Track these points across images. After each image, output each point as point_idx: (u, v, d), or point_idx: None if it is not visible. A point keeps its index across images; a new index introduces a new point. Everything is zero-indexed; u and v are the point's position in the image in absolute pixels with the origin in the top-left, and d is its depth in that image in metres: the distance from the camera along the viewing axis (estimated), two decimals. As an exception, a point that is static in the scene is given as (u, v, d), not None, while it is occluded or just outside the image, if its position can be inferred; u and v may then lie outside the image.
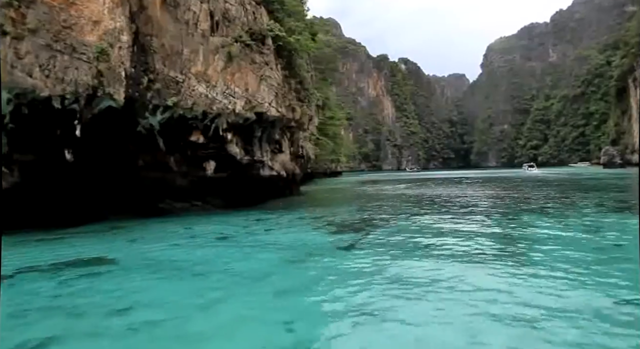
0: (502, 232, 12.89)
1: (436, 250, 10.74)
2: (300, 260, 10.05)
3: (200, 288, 7.97)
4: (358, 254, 10.68)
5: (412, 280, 8.05)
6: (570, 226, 13.99)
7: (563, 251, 10.26)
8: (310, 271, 9.07)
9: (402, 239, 12.45)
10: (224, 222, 17.89)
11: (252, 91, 22.02)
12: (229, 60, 21.00)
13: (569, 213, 16.89)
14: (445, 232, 13.23)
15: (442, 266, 9.04)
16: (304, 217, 18.55)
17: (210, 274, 8.76)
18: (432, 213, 18.50)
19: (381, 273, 8.73)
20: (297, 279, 8.38)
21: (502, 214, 17.32)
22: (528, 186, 36.53)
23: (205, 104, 20.11)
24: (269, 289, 7.74)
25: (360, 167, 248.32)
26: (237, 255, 10.78)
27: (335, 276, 8.68)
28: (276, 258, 10.26)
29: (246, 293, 7.55)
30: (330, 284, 8.08)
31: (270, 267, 9.35)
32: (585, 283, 7.66)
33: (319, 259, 10.22)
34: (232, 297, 7.41)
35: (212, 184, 22.76)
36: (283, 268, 9.24)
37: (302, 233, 14.35)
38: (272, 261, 9.86)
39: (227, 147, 22.10)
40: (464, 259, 9.58)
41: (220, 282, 8.33)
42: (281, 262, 9.85)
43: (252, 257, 10.55)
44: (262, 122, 23.20)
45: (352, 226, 15.61)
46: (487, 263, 9.27)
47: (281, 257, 10.40)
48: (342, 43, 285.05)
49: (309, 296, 7.53)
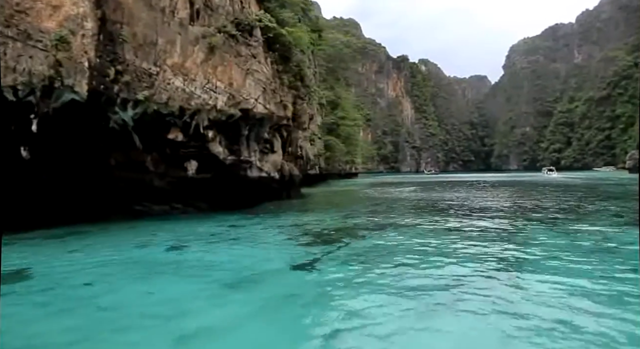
0: (497, 252, 10.94)
1: (410, 276, 8.90)
2: (237, 286, 8.32)
3: (91, 330, 6.30)
4: (312, 278, 8.93)
5: (370, 323, 6.26)
6: (576, 243, 11.95)
7: (562, 278, 8.34)
8: (237, 305, 7.33)
9: (375, 256, 10.63)
10: (194, 227, 16.31)
11: (237, 86, 20.42)
12: (211, 52, 19.43)
13: (580, 226, 14.78)
14: (430, 250, 11.34)
15: (413, 302, 7.20)
16: (284, 224, 16.83)
17: (117, 309, 7.06)
18: (424, 222, 16.58)
19: (330, 310, 6.99)
20: (214, 318, 6.64)
21: (504, 226, 15.30)
22: (543, 192, 34.13)
23: (182, 99, 18.57)
24: (172, 333, 6.03)
25: (379, 169, 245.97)
26: (168, 279, 9.07)
27: (266, 313, 6.93)
28: (209, 283, 8.54)
29: (135, 343, 5.84)
30: (254, 328, 6.31)
31: (192, 298, 7.63)
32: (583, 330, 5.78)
33: (261, 285, 8.48)
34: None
35: (194, 185, 21.24)
36: (206, 300, 7.52)
37: (268, 245, 12.65)
38: (202, 289, 8.14)
39: (209, 146, 20.55)
40: (443, 294, 7.73)
41: (123, 320, 6.64)
42: (211, 289, 8.13)
43: (183, 280, 8.85)
44: (249, 119, 21.59)
45: (329, 236, 13.85)
46: (464, 301, 7.42)
47: (217, 281, 8.69)
48: (361, 43, 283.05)
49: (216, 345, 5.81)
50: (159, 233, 14.94)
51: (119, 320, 6.53)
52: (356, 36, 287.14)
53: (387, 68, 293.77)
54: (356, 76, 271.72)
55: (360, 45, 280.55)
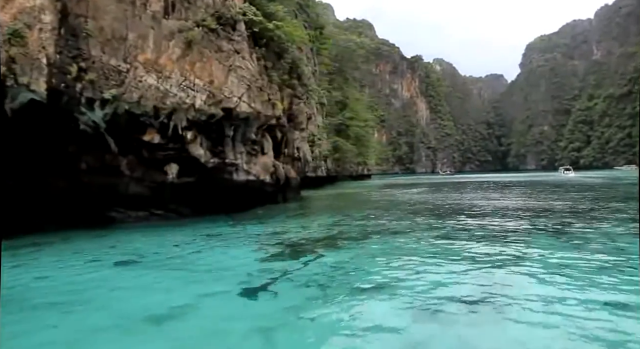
0: (490, 273, 9.31)
1: (375, 309, 7.38)
2: (160, 319, 6.86)
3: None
4: (254, 308, 7.45)
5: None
6: (586, 256, 10.24)
7: (562, 304, 6.74)
8: (146, 345, 5.92)
9: (342, 277, 9.07)
10: (163, 237, 14.97)
11: (218, 83, 19.08)
12: (188, 48, 18.12)
13: (593, 235, 12.99)
14: (409, 268, 9.75)
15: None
16: (263, 232, 15.38)
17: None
18: (414, 230, 14.96)
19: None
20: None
21: (504, 235, 13.60)
22: (555, 193, 32.06)
23: (156, 97, 17.28)
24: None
25: (394, 170, 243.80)
26: (80, 309, 7.69)
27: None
28: (126, 315, 7.12)
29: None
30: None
31: (89, 336, 6.24)
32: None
33: (190, 317, 6.99)
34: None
35: (176, 190, 19.92)
36: (106, 341, 6.11)
37: (229, 260, 11.19)
38: (110, 326, 6.70)
39: (188, 149, 19.23)
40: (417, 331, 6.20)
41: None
42: (124, 324, 6.71)
43: (97, 313, 7.44)
44: (233, 119, 20.22)
45: (304, 247, 12.35)
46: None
47: (141, 311, 7.29)
48: (375, 44, 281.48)
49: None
50: (119, 244, 13.62)
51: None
52: (370, 37, 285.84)
53: (401, 68, 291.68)
54: (370, 77, 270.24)
55: (373, 46, 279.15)
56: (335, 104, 65.03)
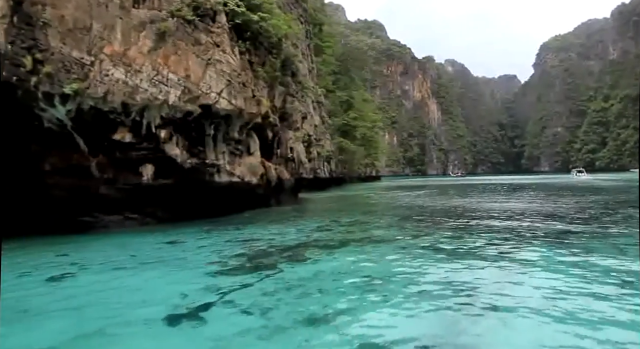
0: (479, 291, 7.80)
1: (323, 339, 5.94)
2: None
3: None
4: (167, 342, 6.06)
5: None
6: (590, 272, 8.66)
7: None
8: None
9: (293, 300, 7.62)
10: (125, 244, 13.69)
11: (195, 78, 17.75)
12: (161, 40, 16.83)
13: (597, 245, 11.36)
14: (378, 284, 8.29)
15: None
16: (235, 239, 14.01)
17: None
18: (400, 236, 13.46)
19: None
20: None
21: (494, 247, 12.00)
22: (566, 196, 30.20)
23: (125, 93, 15.99)
24: None
25: (405, 172, 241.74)
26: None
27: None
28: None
29: None
30: None
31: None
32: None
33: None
34: None
35: (152, 193, 18.62)
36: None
37: (177, 273, 9.77)
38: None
39: (164, 149, 17.93)
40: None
41: None
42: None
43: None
44: (213, 117, 18.89)
45: (269, 258, 10.89)
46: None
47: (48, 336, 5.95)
48: (386, 45, 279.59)
49: None
50: (72, 254, 12.33)
51: None
52: (381, 38, 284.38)
53: (412, 69, 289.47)
54: (381, 78, 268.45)
55: (384, 47, 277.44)
56: (339, 104, 63.58)
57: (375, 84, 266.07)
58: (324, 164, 53.90)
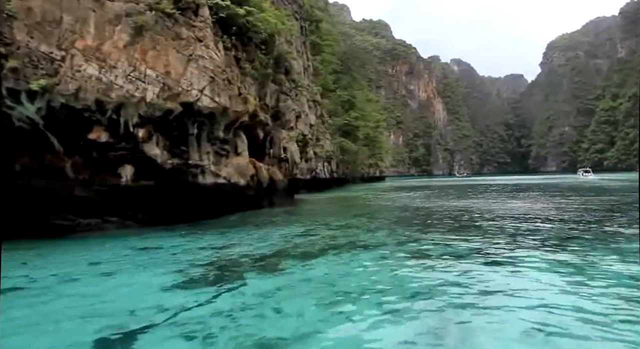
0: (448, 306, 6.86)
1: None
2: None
3: None
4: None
5: None
6: (587, 282, 7.68)
7: None
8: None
9: (248, 321, 6.72)
10: (92, 250, 12.82)
11: (176, 75, 16.88)
12: (138, 34, 15.97)
13: (597, 255, 10.33)
14: (353, 310, 7.36)
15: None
16: (210, 246, 13.09)
17: None
18: (388, 244, 12.50)
19: None
20: None
21: (486, 254, 11.02)
22: (569, 198, 29.04)
23: (98, 90, 15.15)
24: None
25: (410, 172, 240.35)
26: None
27: None
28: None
29: None
30: None
31: None
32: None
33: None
34: None
35: (133, 195, 17.78)
36: None
37: (127, 287, 8.90)
38: None
39: (143, 148, 17.09)
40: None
41: None
42: None
43: None
44: (195, 115, 18.02)
45: (233, 270, 9.96)
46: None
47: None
48: (391, 45, 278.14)
49: None
50: (32, 261, 11.49)
51: None
52: (386, 38, 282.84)
53: (417, 69, 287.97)
54: (386, 78, 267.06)
55: (390, 46, 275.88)
56: (340, 103, 62.57)
57: (380, 84, 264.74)
58: (324, 164, 52.96)
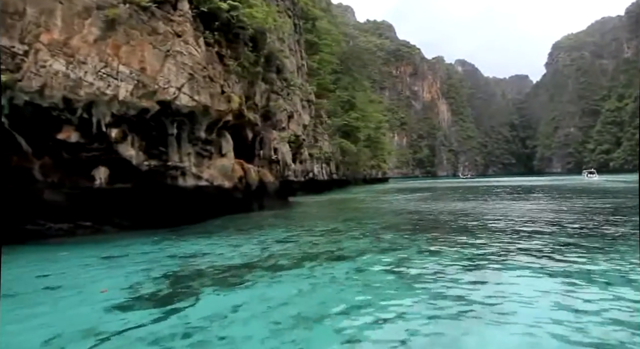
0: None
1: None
2: None
3: None
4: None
5: None
6: (581, 303, 6.64)
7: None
8: None
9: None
10: (51, 259, 11.90)
11: (152, 72, 15.96)
12: (110, 28, 15.06)
13: (594, 266, 9.27)
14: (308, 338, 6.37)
15: None
16: (176, 255, 12.12)
17: None
18: (369, 253, 11.50)
19: None
20: None
21: (479, 264, 10.00)
22: (569, 201, 27.88)
23: (65, 87, 14.24)
24: None
25: (415, 173, 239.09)
26: None
27: None
28: None
29: None
30: None
31: None
32: None
33: None
34: None
35: (108, 198, 16.87)
36: None
37: (69, 307, 7.93)
38: None
39: (117, 149, 16.16)
40: None
41: None
42: None
43: None
44: (174, 114, 17.09)
45: (192, 284, 8.96)
46: None
47: None
48: (395, 46, 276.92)
49: None
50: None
51: None
52: (390, 39, 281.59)
53: (421, 70, 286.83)
54: (390, 79, 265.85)
55: (394, 47, 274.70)
56: (340, 104, 61.56)
57: (384, 85, 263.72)
58: (322, 165, 51.96)
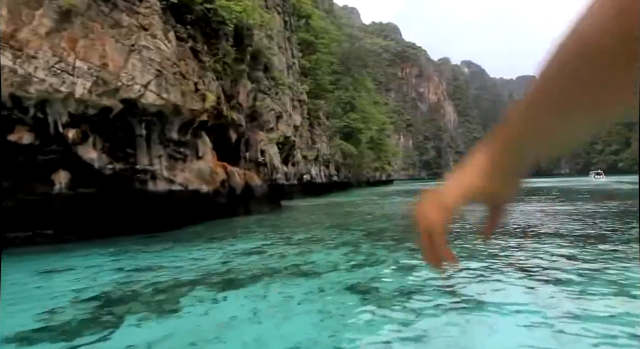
0: None
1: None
2: None
3: None
4: None
5: None
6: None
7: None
8: None
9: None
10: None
11: (114, 68, 14.73)
12: (65, 20, 13.85)
13: (594, 280, 7.85)
14: None
15: None
16: (127, 267, 10.88)
17: None
18: (334, 269, 10.15)
19: None
20: None
21: (457, 283, 8.62)
22: (571, 204, 26.32)
23: (12, 83, 13.03)
24: None
25: (421, 175, 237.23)
26: None
27: None
28: None
29: None
30: None
31: None
32: None
33: None
34: None
35: (70, 204, 15.65)
36: None
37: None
38: None
39: (76, 151, 14.94)
40: None
41: None
42: None
43: None
44: (141, 114, 15.85)
45: (129, 305, 7.70)
46: None
47: None
48: (400, 47, 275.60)
49: None
50: None
51: None
52: (395, 40, 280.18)
53: (427, 71, 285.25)
54: (396, 81, 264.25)
55: (399, 49, 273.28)
56: (340, 105, 60.21)
57: (389, 86, 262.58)
58: (320, 168, 50.60)
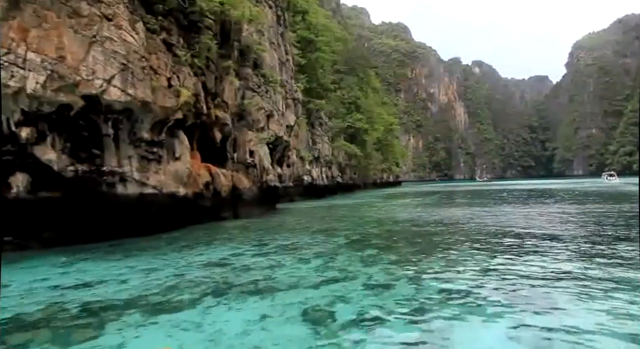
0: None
1: None
2: None
3: None
4: None
5: None
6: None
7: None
8: None
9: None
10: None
11: (73, 61, 13.50)
12: (14, 8, 12.66)
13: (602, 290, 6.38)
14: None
15: None
16: (65, 284, 9.61)
17: None
18: (306, 287, 8.79)
19: None
20: None
21: (424, 306, 7.20)
22: (580, 207, 24.64)
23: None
24: None
25: (431, 177, 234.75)
26: None
27: None
28: None
29: None
30: None
31: None
32: None
33: None
34: None
35: (32, 209, 14.44)
36: None
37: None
38: None
39: (32, 152, 13.74)
40: None
41: None
42: None
43: None
44: (107, 111, 14.60)
45: (22, 334, 6.43)
46: None
47: None
48: (410, 48, 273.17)
49: None
50: None
51: None
52: (405, 40, 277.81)
53: (437, 72, 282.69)
54: (406, 81, 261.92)
55: (409, 49, 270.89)
56: (344, 105, 58.78)
57: (399, 87, 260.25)
58: (322, 169, 49.20)
